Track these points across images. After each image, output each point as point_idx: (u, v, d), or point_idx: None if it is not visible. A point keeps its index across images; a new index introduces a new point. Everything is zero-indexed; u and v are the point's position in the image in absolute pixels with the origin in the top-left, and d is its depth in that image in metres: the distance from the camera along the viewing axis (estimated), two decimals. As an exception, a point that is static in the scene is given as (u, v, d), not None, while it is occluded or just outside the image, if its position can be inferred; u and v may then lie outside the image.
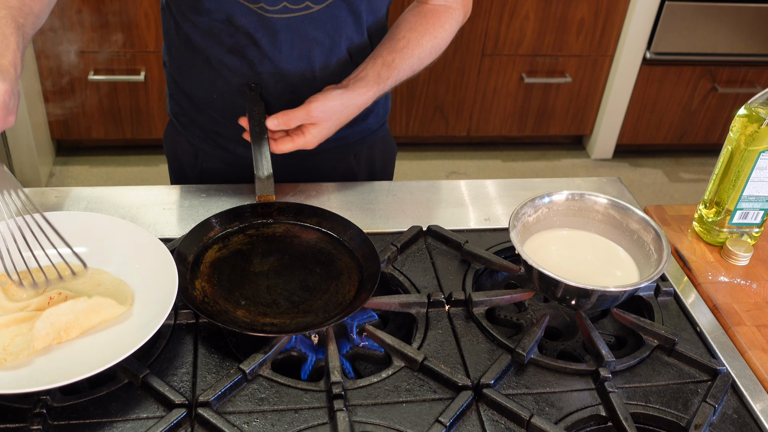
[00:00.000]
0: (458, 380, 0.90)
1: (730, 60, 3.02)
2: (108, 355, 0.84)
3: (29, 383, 0.81)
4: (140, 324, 0.90)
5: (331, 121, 1.09)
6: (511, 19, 2.84)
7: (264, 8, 1.10)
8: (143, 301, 0.94)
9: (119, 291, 0.96)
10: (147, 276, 0.97)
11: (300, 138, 1.09)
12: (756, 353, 0.99)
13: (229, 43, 1.15)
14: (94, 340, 0.90)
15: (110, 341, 0.89)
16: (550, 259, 1.01)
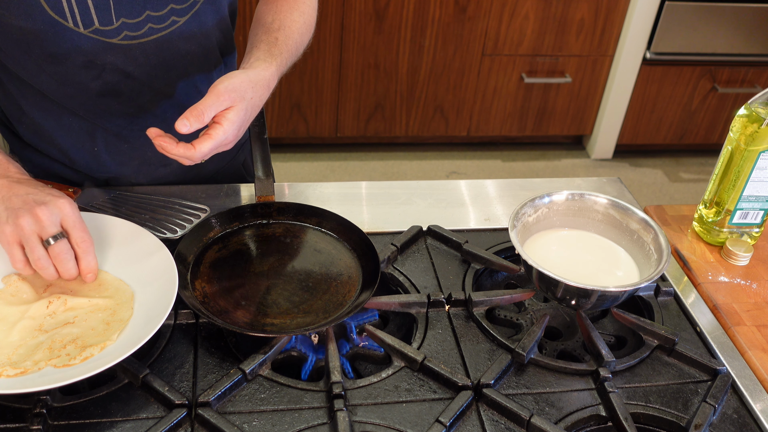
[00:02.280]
0: (458, 380, 0.90)
1: (730, 60, 3.02)
2: (108, 355, 0.84)
3: (30, 383, 0.81)
4: (140, 324, 0.90)
5: (245, 100, 0.95)
6: (511, 19, 2.84)
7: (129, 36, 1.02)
8: (143, 301, 0.94)
9: (119, 291, 0.96)
10: (147, 276, 0.97)
11: (218, 129, 0.93)
12: (756, 353, 0.99)
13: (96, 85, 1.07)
14: None
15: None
16: (550, 259, 1.01)
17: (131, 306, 0.94)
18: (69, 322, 0.91)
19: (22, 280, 0.96)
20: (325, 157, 3.12)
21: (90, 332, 0.90)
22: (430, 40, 2.85)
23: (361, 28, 2.79)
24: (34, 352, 0.87)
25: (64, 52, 1.01)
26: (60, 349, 0.87)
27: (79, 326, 0.91)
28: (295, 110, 2.96)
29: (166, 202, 1.16)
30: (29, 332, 0.90)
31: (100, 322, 0.92)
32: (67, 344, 0.88)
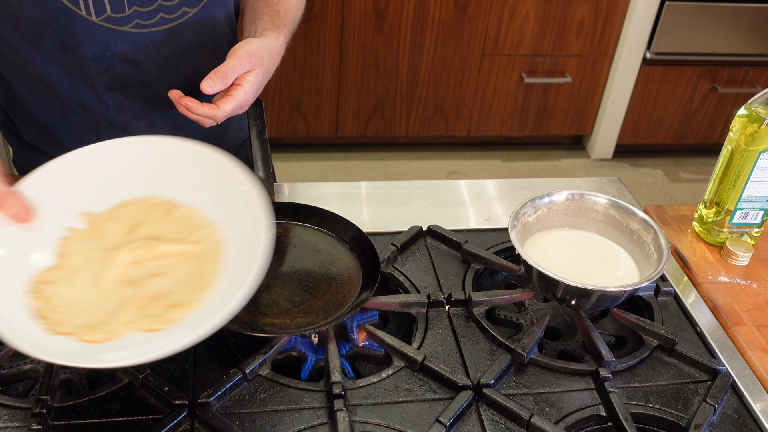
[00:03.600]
0: (458, 380, 0.90)
1: (730, 60, 3.02)
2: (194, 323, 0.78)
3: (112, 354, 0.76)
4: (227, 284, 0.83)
5: (262, 65, 1.00)
6: (511, 19, 2.84)
7: (139, 24, 1.02)
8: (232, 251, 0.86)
9: (208, 237, 0.88)
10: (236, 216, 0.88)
11: (239, 90, 0.98)
12: (756, 353, 0.99)
13: (105, 78, 1.07)
14: None
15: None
16: (550, 259, 1.01)
17: (221, 257, 0.87)
18: (156, 274, 0.86)
19: (108, 220, 0.90)
20: (325, 157, 3.12)
21: (179, 286, 0.84)
22: (430, 40, 2.85)
23: (361, 28, 2.79)
24: (119, 311, 0.81)
25: (75, 41, 1.02)
26: (146, 308, 0.82)
27: (166, 279, 0.85)
28: (295, 110, 2.96)
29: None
30: (116, 283, 0.84)
31: (189, 275, 0.86)
32: (154, 302, 0.83)
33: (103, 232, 0.90)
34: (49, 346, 0.77)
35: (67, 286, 0.84)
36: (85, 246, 0.88)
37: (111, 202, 0.93)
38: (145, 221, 0.91)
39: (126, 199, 0.93)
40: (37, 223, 0.86)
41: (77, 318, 0.81)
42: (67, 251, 0.87)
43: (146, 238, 0.88)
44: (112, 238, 0.89)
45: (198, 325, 0.76)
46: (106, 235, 0.89)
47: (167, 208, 0.92)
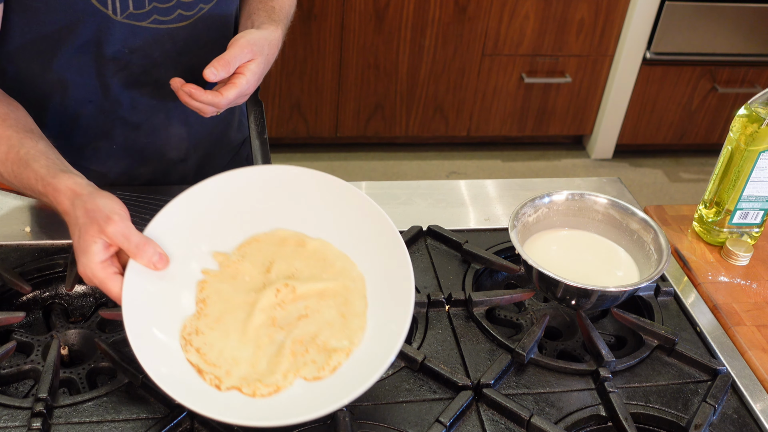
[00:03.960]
0: (458, 380, 0.90)
1: (730, 60, 3.02)
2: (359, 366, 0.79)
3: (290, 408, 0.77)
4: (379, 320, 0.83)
5: (262, 54, 1.01)
6: (511, 19, 2.84)
7: (158, 20, 1.03)
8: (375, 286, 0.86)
9: (345, 271, 0.88)
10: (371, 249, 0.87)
11: (241, 78, 0.99)
12: (756, 353, 0.99)
13: (122, 76, 1.08)
14: None
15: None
16: (550, 259, 1.01)
17: (364, 293, 0.87)
18: (302, 315, 0.85)
19: (241, 258, 0.89)
20: (325, 157, 3.12)
21: (327, 328, 0.84)
22: (430, 40, 2.85)
23: (361, 28, 2.79)
24: (278, 360, 0.81)
25: (97, 40, 1.02)
26: (303, 354, 0.82)
27: (314, 320, 0.85)
28: (295, 110, 2.96)
29: (166, 203, 1.16)
30: (264, 330, 0.84)
31: (336, 314, 0.86)
32: (308, 346, 0.83)
33: (237, 272, 0.89)
34: (223, 406, 0.77)
35: (216, 336, 0.84)
36: (223, 288, 0.87)
37: (239, 238, 0.91)
38: (277, 258, 0.90)
39: (253, 234, 0.92)
40: (172, 270, 0.85)
41: (236, 370, 0.81)
42: (206, 297, 0.87)
43: (284, 278, 0.88)
44: (249, 280, 0.88)
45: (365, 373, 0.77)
46: (242, 275, 0.89)
47: (297, 242, 0.91)
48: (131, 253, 0.82)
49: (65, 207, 0.85)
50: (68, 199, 0.85)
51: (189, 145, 1.20)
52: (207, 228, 0.90)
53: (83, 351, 0.95)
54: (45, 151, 0.91)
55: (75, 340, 0.95)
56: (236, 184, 0.91)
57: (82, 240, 0.81)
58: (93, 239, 0.81)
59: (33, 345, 0.93)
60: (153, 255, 0.83)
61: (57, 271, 1.03)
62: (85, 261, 0.81)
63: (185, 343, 0.83)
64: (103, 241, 0.81)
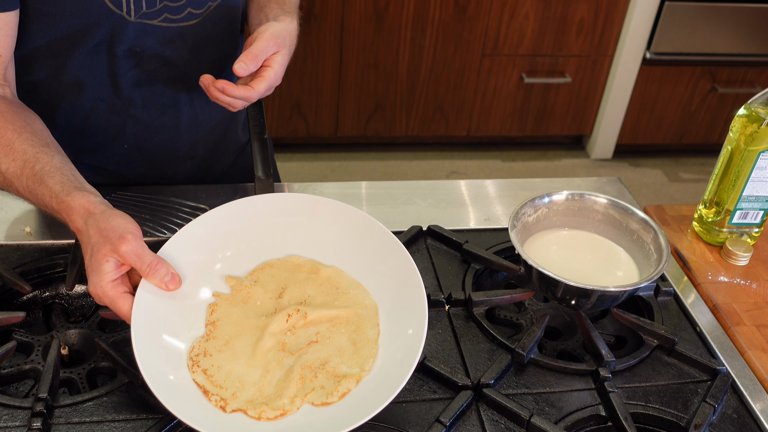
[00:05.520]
0: (458, 380, 0.90)
1: (730, 60, 3.02)
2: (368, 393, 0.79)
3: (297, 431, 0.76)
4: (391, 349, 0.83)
5: (286, 46, 1.03)
6: (511, 19, 2.84)
7: (168, 18, 1.04)
8: (387, 314, 0.86)
9: (358, 299, 0.88)
10: (384, 277, 0.88)
11: (269, 71, 1.00)
12: (756, 353, 0.99)
13: (133, 75, 1.08)
14: None
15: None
16: (550, 259, 1.01)
17: (376, 322, 0.87)
18: (313, 341, 0.85)
19: (253, 283, 0.90)
20: (325, 157, 3.12)
21: (338, 355, 0.84)
22: (430, 40, 2.85)
23: (361, 28, 2.79)
24: (286, 385, 0.81)
25: (111, 41, 1.03)
26: (312, 379, 0.82)
27: (325, 346, 0.85)
28: (295, 110, 2.96)
29: (166, 202, 1.16)
30: (273, 354, 0.84)
31: (347, 341, 0.86)
32: (317, 372, 0.82)
33: (249, 297, 0.89)
34: (226, 428, 0.77)
35: (224, 357, 0.84)
36: (234, 312, 0.87)
37: (252, 263, 0.92)
38: (290, 284, 0.90)
39: (267, 259, 0.92)
40: (183, 291, 0.86)
41: (243, 393, 0.81)
42: (216, 319, 0.87)
43: (296, 304, 0.88)
44: (260, 304, 0.88)
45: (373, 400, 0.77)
46: (253, 300, 0.89)
47: (311, 269, 0.92)
48: (143, 272, 0.82)
49: (78, 225, 0.85)
50: (81, 217, 0.84)
51: (198, 141, 1.22)
52: (221, 251, 0.91)
53: (83, 351, 0.95)
54: (60, 167, 0.91)
55: (75, 340, 0.95)
56: (253, 209, 0.92)
57: (94, 259, 0.81)
58: (105, 258, 0.80)
59: (33, 345, 0.93)
60: (165, 275, 0.83)
61: (57, 271, 1.03)
62: (96, 280, 0.81)
63: (192, 364, 0.83)
64: (115, 260, 0.81)
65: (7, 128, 0.93)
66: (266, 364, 0.83)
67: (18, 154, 0.91)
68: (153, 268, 0.82)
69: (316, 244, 0.93)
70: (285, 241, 0.93)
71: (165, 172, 1.22)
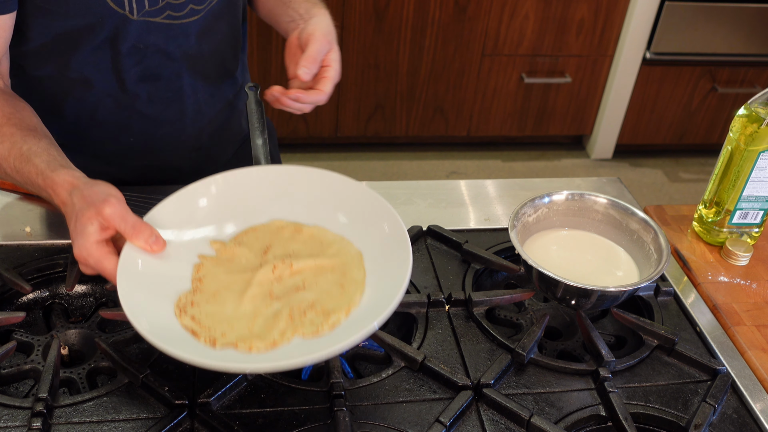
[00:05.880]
0: (458, 380, 0.90)
1: (730, 60, 3.02)
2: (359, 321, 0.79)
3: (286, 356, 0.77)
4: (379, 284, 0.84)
5: (335, 42, 1.03)
6: (511, 19, 2.84)
7: (171, 15, 1.06)
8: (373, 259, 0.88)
9: (344, 250, 0.90)
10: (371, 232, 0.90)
11: (330, 70, 1.00)
12: (756, 353, 0.99)
13: (137, 71, 1.09)
14: None
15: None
16: (550, 259, 1.01)
17: (362, 266, 0.88)
18: (299, 288, 0.86)
19: (238, 245, 0.91)
20: (325, 157, 3.12)
21: (326, 296, 0.85)
22: (430, 40, 2.85)
23: (361, 28, 2.79)
24: (275, 322, 0.81)
25: (114, 39, 1.04)
26: (301, 317, 0.82)
27: (312, 291, 0.86)
28: (295, 110, 2.95)
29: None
30: (261, 300, 0.84)
31: (333, 284, 0.86)
32: (306, 311, 0.83)
33: (234, 256, 0.90)
34: (217, 358, 0.78)
35: (211, 306, 0.84)
36: (219, 269, 0.88)
37: (236, 229, 0.94)
38: (274, 243, 0.91)
39: (250, 225, 0.94)
40: (167, 253, 0.87)
41: (232, 332, 0.81)
42: (202, 276, 0.88)
43: (281, 257, 0.89)
44: (245, 261, 0.89)
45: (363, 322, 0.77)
46: (238, 258, 0.90)
47: (294, 229, 0.93)
48: (128, 234, 0.83)
49: (63, 198, 0.86)
50: (66, 190, 0.86)
51: (203, 132, 1.23)
52: (205, 219, 0.93)
53: (83, 351, 0.95)
54: (47, 147, 0.92)
55: (75, 340, 0.95)
56: (235, 181, 0.95)
57: (79, 223, 0.82)
58: (89, 221, 0.81)
59: (33, 345, 0.93)
60: (150, 236, 0.84)
61: (57, 271, 1.03)
62: (81, 242, 0.81)
63: (180, 312, 0.83)
64: (99, 223, 0.82)
65: None
66: (254, 309, 0.84)
67: (6, 137, 0.93)
68: (137, 229, 0.83)
69: (298, 208, 0.95)
70: (268, 208, 0.95)
71: (170, 163, 1.24)
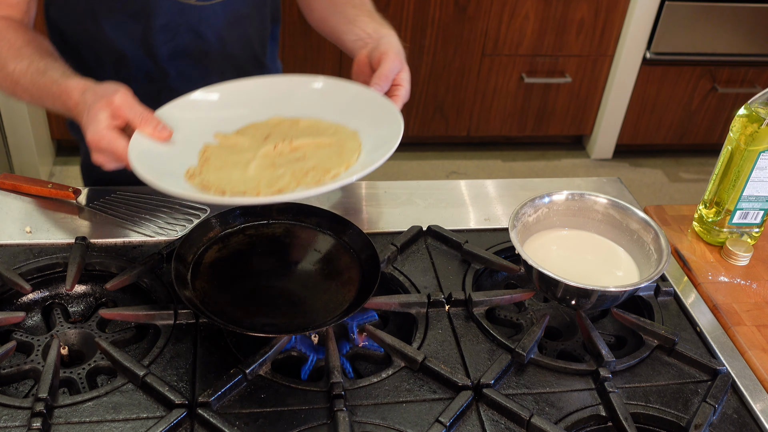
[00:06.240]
0: (458, 380, 0.90)
1: (730, 60, 3.02)
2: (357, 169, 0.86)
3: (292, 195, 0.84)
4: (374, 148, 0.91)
5: (405, 62, 1.07)
6: (511, 19, 2.84)
7: None
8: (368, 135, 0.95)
9: (340, 131, 0.97)
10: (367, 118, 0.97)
11: (401, 90, 1.04)
12: (756, 353, 0.99)
13: (169, 47, 1.16)
14: None
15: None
16: (550, 259, 1.01)
17: (357, 140, 0.95)
18: (300, 159, 0.92)
19: (240, 135, 0.98)
20: (325, 157, 3.12)
21: (325, 161, 0.91)
22: (430, 40, 2.85)
23: (361, 28, 2.79)
24: (280, 179, 0.88)
25: (148, 14, 1.12)
26: (303, 176, 0.88)
27: (312, 159, 0.92)
28: (295, 110, 2.95)
29: (166, 202, 1.16)
30: (265, 168, 0.91)
31: (332, 153, 0.93)
32: (308, 172, 0.89)
33: (236, 144, 0.97)
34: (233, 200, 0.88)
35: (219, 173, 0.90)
36: (223, 152, 0.95)
37: (237, 125, 1.00)
38: (274, 132, 0.99)
39: (251, 122, 1.01)
40: (174, 140, 0.93)
41: (241, 186, 0.88)
42: (207, 157, 0.94)
43: (281, 138, 0.96)
44: (248, 145, 0.96)
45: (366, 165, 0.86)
46: (241, 144, 0.97)
47: (292, 122, 1.01)
48: (136, 121, 0.89)
49: (76, 98, 0.92)
50: (79, 92, 0.92)
51: None
52: (208, 117, 1.00)
53: (83, 351, 0.95)
54: (62, 65, 1.00)
55: (75, 340, 0.95)
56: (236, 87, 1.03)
57: (90, 113, 0.88)
58: (101, 109, 0.87)
59: (33, 345, 0.93)
60: (157, 124, 0.90)
61: (57, 271, 1.03)
62: (93, 128, 0.87)
63: (189, 177, 0.89)
64: (110, 111, 0.87)
65: (18, 38, 1.03)
66: (259, 174, 0.90)
67: (25, 56, 1.01)
68: (145, 117, 0.89)
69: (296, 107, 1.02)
70: (267, 108, 1.02)
71: None
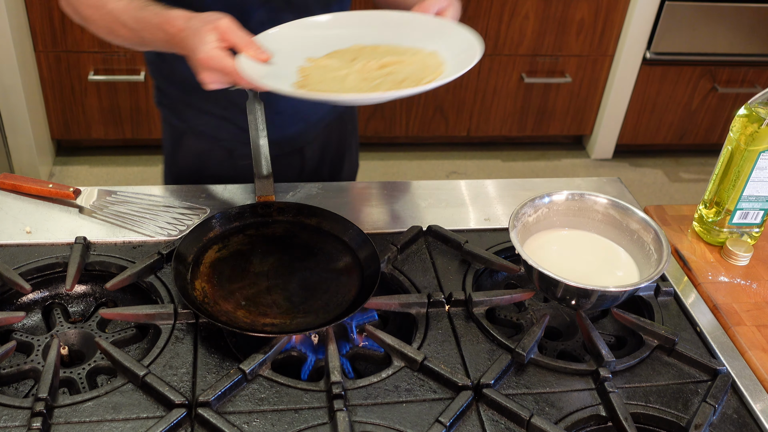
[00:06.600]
0: (458, 380, 0.90)
1: (730, 60, 3.02)
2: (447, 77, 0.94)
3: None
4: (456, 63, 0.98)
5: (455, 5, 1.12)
6: (511, 19, 2.84)
7: None
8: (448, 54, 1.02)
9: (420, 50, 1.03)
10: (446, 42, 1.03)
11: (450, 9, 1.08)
12: (756, 353, 0.99)
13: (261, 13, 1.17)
14: None
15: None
16: (550, 259, 1.01)
17: (438, 57, 1.01)
18: (391, 73, 0.99)
19: (329, 58, 1.04)
20: (325, 157, 3.12)
21: (417, 73, 0.98)
22: (430, 40, 2.85)
23: (361, 28, 2.79)
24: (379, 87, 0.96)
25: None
26: (400, 84, 0.96)
27: (402, 73, 0.98)
28: (295, 110, 2.95)
29: (167, 202, 1.16)
30: (361, 80, 0.98)
31: (418, 69, 0.99)
32: (402, 81, 0.96)
33: (329, 65, 1.04)
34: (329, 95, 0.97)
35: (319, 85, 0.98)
36: (319, 70, 1.02)
37: (325, 51, 1.06)
38: (359, 55, 1.05)
39: (334, 49, 1.07)
40: (273, 61, 1.00)
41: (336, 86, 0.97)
42: (307, 74, 1.02)
43: (368, 59, 1.03)
44: (338, 66, 1.03)
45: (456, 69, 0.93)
46: (333, 65, 1.03)
47: (373, 48, 1.06)
48: (240, 45, 0.95)
49: (179, 25, 0.97)
50: (183, 19, 0.97)
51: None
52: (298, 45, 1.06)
53: (83, 351, 0.95)
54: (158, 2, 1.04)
55: (75, 340, 0.95)
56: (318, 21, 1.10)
57: (198, 35, 0.94)
58: (209, 32, 0.94)
59: (33, 345, 0.93)
60: (258, 48, 0.96)
61: (57, 271, 1.03)
62: (203, 48, 0.93)
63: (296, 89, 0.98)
64: (218, 34, 0.94)
65: None
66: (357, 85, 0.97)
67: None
68: (248, 41, 0.95)
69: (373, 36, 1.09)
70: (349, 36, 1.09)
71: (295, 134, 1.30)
